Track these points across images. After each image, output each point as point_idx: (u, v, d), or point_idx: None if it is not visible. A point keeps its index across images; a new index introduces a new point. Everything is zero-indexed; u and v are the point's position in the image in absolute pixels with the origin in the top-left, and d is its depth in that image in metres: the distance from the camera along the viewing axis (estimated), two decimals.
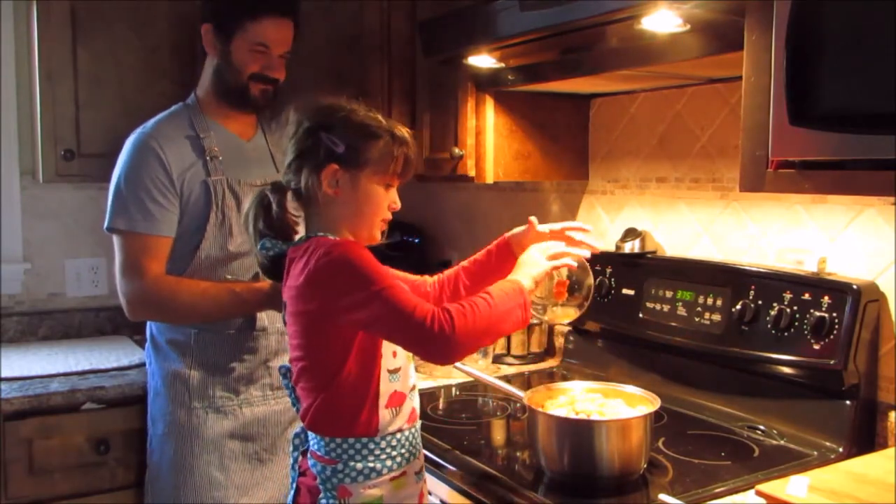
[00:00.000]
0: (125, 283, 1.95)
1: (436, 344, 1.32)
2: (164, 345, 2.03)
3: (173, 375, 1.99)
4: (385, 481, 1.42)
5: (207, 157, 1.99)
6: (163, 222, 1.95)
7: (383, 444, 1.42)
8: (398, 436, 1.43)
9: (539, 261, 1.47)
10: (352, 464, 1.40)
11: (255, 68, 2.02)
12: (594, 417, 1.52)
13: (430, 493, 1.68)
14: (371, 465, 1.40)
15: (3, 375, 2.16)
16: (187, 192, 1.96)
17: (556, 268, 1.50)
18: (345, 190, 1.44)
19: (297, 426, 1.52)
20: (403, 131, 1.48)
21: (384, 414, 1.42)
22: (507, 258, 1.61)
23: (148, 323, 2.09)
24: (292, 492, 1.50)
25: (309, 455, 1.46)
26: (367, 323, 1.35)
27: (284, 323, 1.48)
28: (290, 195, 1.48)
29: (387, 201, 1.49)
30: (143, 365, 2.28)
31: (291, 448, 1.52)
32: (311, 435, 1.45)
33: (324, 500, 1.42)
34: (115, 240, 1.99)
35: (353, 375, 1.39)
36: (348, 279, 1.34)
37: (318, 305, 1.37)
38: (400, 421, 1.44)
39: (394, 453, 1.43)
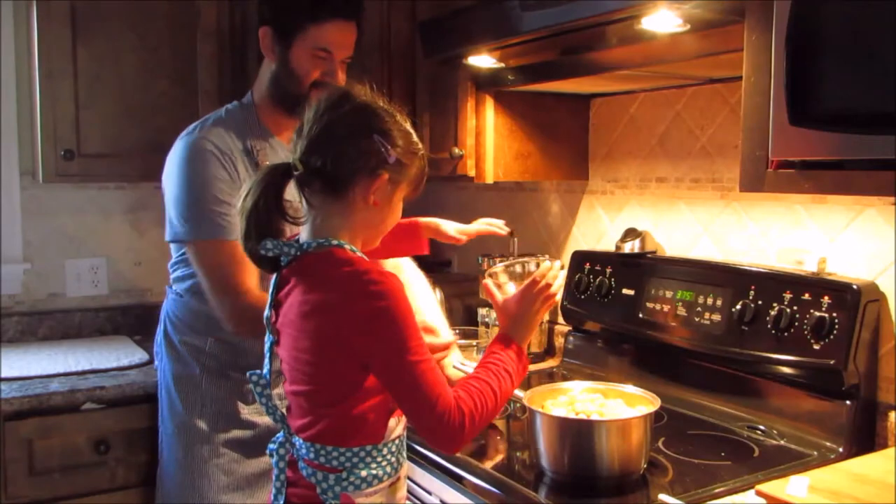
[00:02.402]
0: (225, 301, 1.82)
1: (444, 440, 1.33)
2: (178, 345, 1.99)
3: (186, 378, 1.97)
4: (385, 487, 1.40)
5: (255, 167, 1.89)
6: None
7: (385, 450, 1.39)
8: (396, 441, 1.41)
9: (533, 320, 1.46)
10: (356, 471, 1.36)
11: (317, 75, 1.91)
12: (594, 417, 1.52)
13: (429, 493, 1.69)
14: (374, 471, 1.38)
15: (3, 375, 2.16)
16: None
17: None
18: (382, 201, 1.38)
19: (278, 435, 1.42)
20: (420, 144, 1.44)
21: (391, 422, 1.39)
22: (412, 236, 1.76)
23: (163, 319, 2.05)
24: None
25: (303, 465, 1.37)
26: (388, 384, 1.32)
27: (273, 332, 1.40)
28: (295, 182, 1.35)
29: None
30: (143, 365, 2.29)
31: (276, 459, 1.40)
32: (305, 444, 1.37)
33: None
34: (192, 253, 1.87)
35: (370, 392, 1.35)
36: (391, 335, 1.28)
37: (346, 338, 1.30)
38: (400, 428, 1.42)
39: (392, 458, 1.41)
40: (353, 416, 1.34)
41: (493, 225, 1.84)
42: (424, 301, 1.82)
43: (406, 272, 1.82)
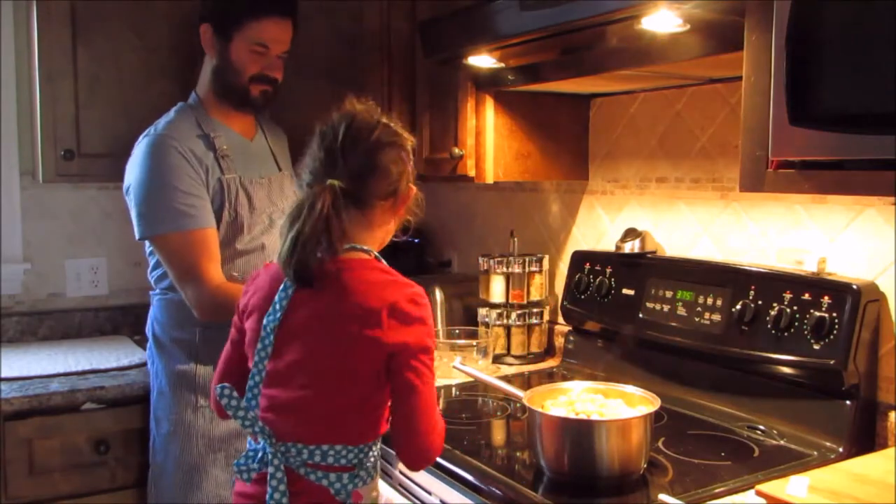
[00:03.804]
0: (188, 289, 1.91)
1: (424, 461, 1.42)
2: (168, 344, 2.02)
3: (179, 374, 1.99)
4: (376, 480, 1.45)
5: (219, 156, 1.99)
6: (205, 214, 1.92)
7: (378, 444, 1.44)
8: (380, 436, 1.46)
9: None
10: (365, 465, 1.39)
11: (255, 69, 2.01)
12: (594, 417, 1.52)
13: (429, 493, 1.69)
14: (372, 462, 1.42)
15: (3, 375, 2.16)
16: (209, 186, 1.95)
17: None
18: (405, 211, 1.50)
19: (258, 451, 1.39)
20: None
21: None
22: None
23: (150, 322, 2.09)
24: None
25: (308, 471, 1.36)
26: (402, 389, 1.36)
27: (272, 333, 1.39)
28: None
29: None
30: (143, 365, 2.29)
31: (273, 469, 1.35)
32: (310, 448, 1.35)
33: None
34: (159, 245, 1.94)
35: (386, 390, 1.39)
36: (423, 341, 1.37)
37: (383, 341, 1.34)
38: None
39: (378, 452, 1.45)
40: (378, 414, 1.40)
41: None
42: None
43: None
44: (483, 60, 2.01)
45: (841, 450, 1.63)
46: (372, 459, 1.41)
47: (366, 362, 1.35)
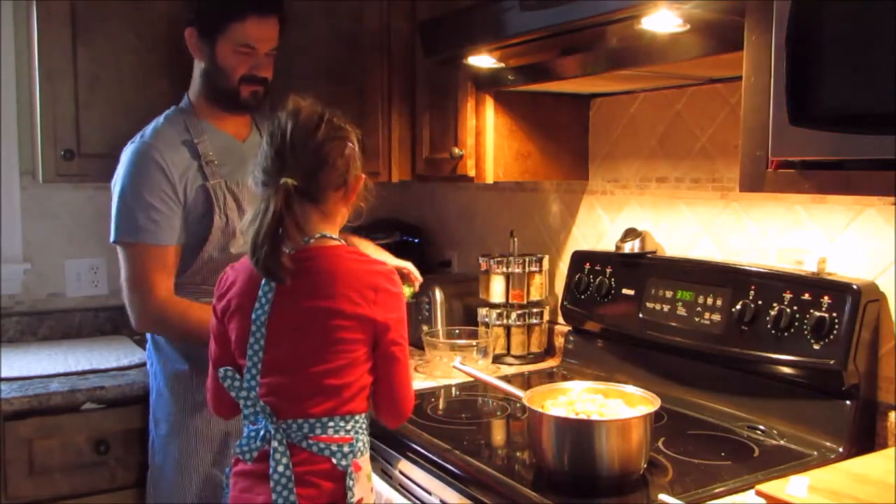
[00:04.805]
0: (134, 296, 1.94)
1: (402, 418, 1.58)
2: (165, 345, 2.03)
3: (176, 376, 1.99)
4: (367, 454, 1.55)
5: (203, 162, 1.98)
6: (168, 231, 1.94)
7: (366, 417, 1.56)
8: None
9: None
10: (360, 437, 1.51)
11: (244, 70, 2.00)
12: (594, 417, 1.52)
13: (429, 493, 1.69)
14: (365, 437, 1.54)
15: (3, 375, 2.16)
16: (188, 197, 1.96)
17: None
18: (358, 197, 1.59)
19: (259, 432, 1.48)
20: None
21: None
22: None
23: None
24: (287, 492, 1.42)
25: (311, 443, 1.46)
26: (386, 359, 1.51)
27: (263, 326, 1.48)
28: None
29: None
30: (143, 365, 2.28)
31: (276, 444, 1.44)
32: (311, 421, 1.46)
33: (349, 480, 1.46)
34: (121, 252, 1.97)
35: (372, 361, 1.52)
36: (400, 315, 1.53)
37: (368, 316, 1.47)
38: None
39: (367, 427, 1.57)
40: (364, 384, 1.51)
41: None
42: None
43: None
44: (483, 60, 2.01)
45: (841, 450, 1.63)
46: (366, 432, 1.54)
47: (355, 340, 1.48)
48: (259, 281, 1.49)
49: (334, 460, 1.46)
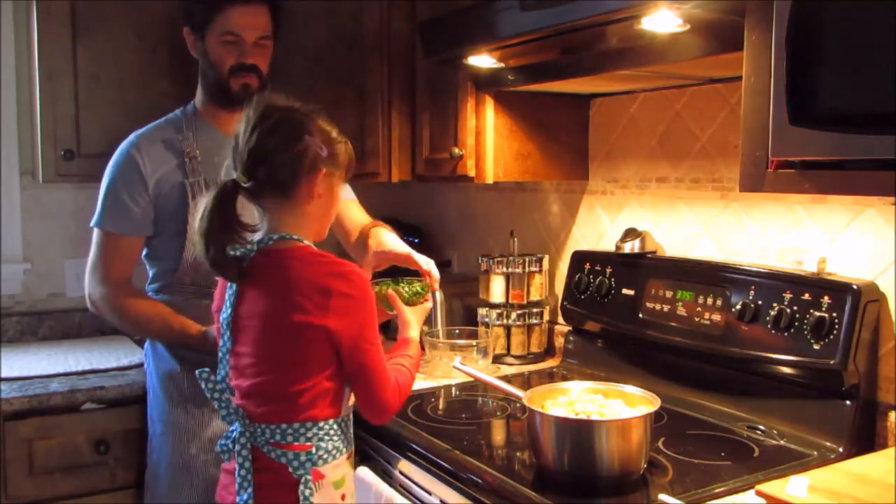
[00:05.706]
0: (90, 281, 2.01)
1: (384, 414, 1.52)
2: (159, 345, 2.03)
3: (168, 376, 2.00)
4: (344, 461, 1.51)
5: (186, 159, 1.99)
6: (131, 223, 1.97)
7: (343, 424, 1.52)
8: (346, 418, 1.53)
9: (417, 325, 1.70)
10: (322, 444, 1.46)
11: (231, 60, 2.00)
12: (594, 417, 1.52)
13: (429, 494, 1.69)
14: (336, 443, 1.49)
15: (3, 375, 2.16)
16: (159, 192, 1.98)
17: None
18: (325, 193, 1.51)
19: (231, 431, 1.50)
20: (341, 133, 1.56)
21: (348, 395, 1.51)
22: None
23: None
24: (246, 495, 1.44)
25: (269, 448, 1.45)
26: (352, 362, 1.46)
27: (228, 328, 1.49)
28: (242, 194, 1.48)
29: None
30: (142, 365, 2.29)
31: (239, 448, 1.46)
32: (271, 428, 1.45)
33: (303, 488, 1.44)
34: (94, 235, 2.03)
35: (335, 367, 1.47)
36: (360, 318, 1.45)
37: (320, 321, 1.42)
38: (351, 401, 1.53)
39: (347, 432, 1.53)
40: (322, 390, 1.46)
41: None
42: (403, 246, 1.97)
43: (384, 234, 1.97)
44: (483, 60, 2.01)
45: (841, 450, 1.63)
46: (335, 438, 1.48)
47: (309, 345, 1.43)
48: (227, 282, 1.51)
49: (290, 468, 1.44)
